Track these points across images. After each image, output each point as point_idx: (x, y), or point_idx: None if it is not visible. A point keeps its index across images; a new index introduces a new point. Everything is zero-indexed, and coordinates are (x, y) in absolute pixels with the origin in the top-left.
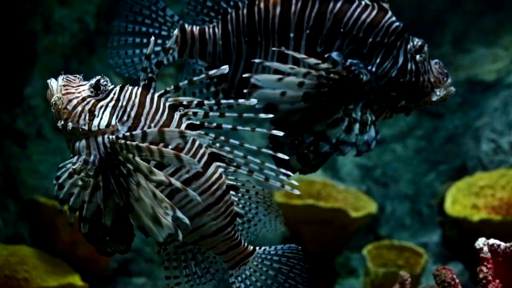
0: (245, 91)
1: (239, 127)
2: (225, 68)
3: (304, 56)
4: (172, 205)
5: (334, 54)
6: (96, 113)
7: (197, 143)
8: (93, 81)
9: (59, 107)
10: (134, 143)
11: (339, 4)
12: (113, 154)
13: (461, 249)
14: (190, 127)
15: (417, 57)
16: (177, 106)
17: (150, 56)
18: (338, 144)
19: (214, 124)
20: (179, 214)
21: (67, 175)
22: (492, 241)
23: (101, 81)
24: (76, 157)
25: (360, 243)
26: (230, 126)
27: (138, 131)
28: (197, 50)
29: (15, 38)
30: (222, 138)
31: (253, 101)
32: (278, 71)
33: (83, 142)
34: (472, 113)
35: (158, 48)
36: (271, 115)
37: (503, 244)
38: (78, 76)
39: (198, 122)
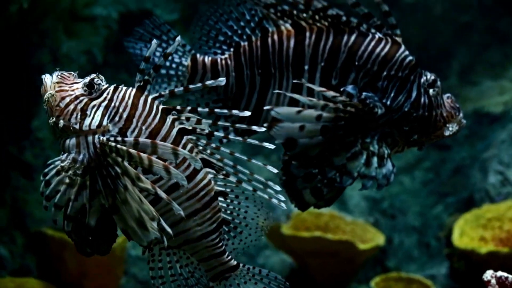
0: (265, 125)
1: (231, 137)
2: (222, 80)
3: (322, 88)
4: (157, 216)
5: (349, 88)
6: (88, 112)
7: (188, 147)
8: (87, 79)
9: (52, 104)
10: (124, 148)
11: (353, 37)
12: (102, 155)
13: (469, 282)
14: (182, 131)
15: (430, 91)
16: (170, 110)
17: (149, 58)
18: (360, 177)
19: (206, 131)
20: (164, 224)
21: (54, 172)
22: (500, 273)
23: (95, 80)
24: (65, 155)
25: (368, 275)
26: (222, 134)
27: (130, 138)
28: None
29: (23, 70)
30: (213, 145)
31: (246, 113)
32: (295, 103)
33: (73, 140)
34: (479, 145)
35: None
36: (263, 129)
37: (510, 277)
38: (72, 73)
39: (190, 127)
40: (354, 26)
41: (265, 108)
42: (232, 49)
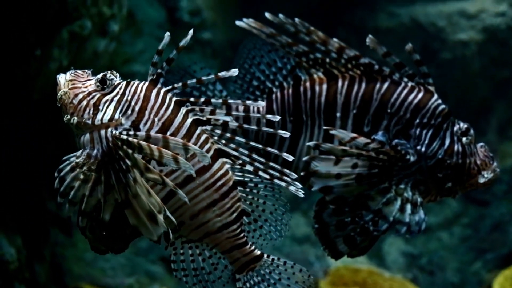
0: (302, 173)
1: (244, 125)
2: (235, 71)
3: (354, 134)
4: (162, 205)
5: (379, 134)
6: (101, 107)
7: (202, 138)
8: (100, 75)
9: (65, 101)
10: (135, 140)
11: (385, 85)
12: (114, 148)
13: None
14: (197, 122)
15: (463, 139)
16: (184, 102)
17: (162, 51)
18: (394, 223)
19: (221, 121)
20: (168, 214)
21: (69, 169)
22: None
23: (108, 75)
24: (80, 151)
25: None
26: (236, 124)
27: (142, 133)
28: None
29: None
30: (228, 135)
31: (261, 103)
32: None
33: (87, 136)
34: None
35: None
36: (278, 117)
37: None
38: (86, 71)
39: (204, 118)
40: (386, 75)
41: (304, 159)
42: (264, 96)
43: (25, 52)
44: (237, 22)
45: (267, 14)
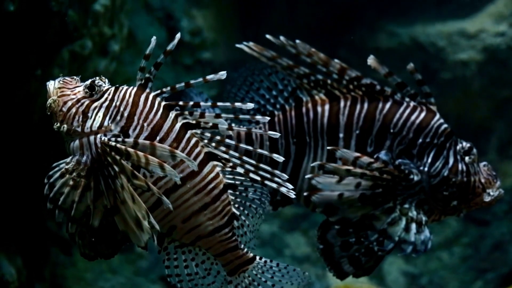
0: (305, 194)
1: (234, 126)
2: (223, 74)
3: (358, 154)
4: (147, 211)
5: (382, 154)
6: (90, 114)
7: (192, 142)
8: (88, 82)
9: (55, 109)
10: (123, 146)
11: (388, 105)
12: (103, 155)
13: None
14: (186, 126)
15: (466, 158)
16: (173, 106)
17: (149, 56)
18: (400, 242)
19: (210, 124)
20: (152, 220)
21: (59, 175)
22: None
23: (96, 81)
24: (70, 157)
25: None
26: (225, 126)
27: (130, 140)
28: (243, 150)
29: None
30: (218, 137)
31: (250, 105)
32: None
33: (77, 142)
34: None
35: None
36: (267, 118)
37: None
38: (75, 77)
39: (193, 121)
40: (388, 95)
41: (306, 177)
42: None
43: (26, 72)
44: (238, 45)
45: (268, 36)
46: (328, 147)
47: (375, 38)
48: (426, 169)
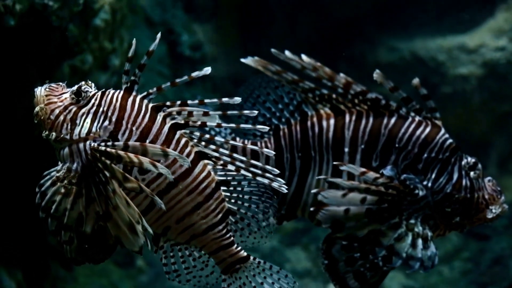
0: (311, 209)
1: (223, 124)
2: (207, 70)
3: (363, 169)
4: (140, 215)
5: (388, 169)
6: (78, 121)
7: (182, 142)
8: (74, 88)
9: (42, 117)
10: (113, 150)
11: (393, 120)
12: (93, 161)
13: None
14: (175, 127)
15: (471, 174)
16: (160, 107)
17: (132, 58)
18: (407, 259)
19: (199, 123)
20: (145, 223)
21: (50, 183)
22: None
23: (83, 87)
24: (60, 165)
25: None
26: (214, 124)
27: (120, 143)
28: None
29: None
30: (207, 136)
31: (237, 99)
32: (336, 185)
33: (67, 150)
34: None
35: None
36: (255, 112)
37: None
38: (61, 84)
39: (182, 121)
40: (393, 110)
41: (312, 191)
42: (271, 132)
43: (27, 86)
44: (243, 60)
45: (273, 50)
46: (334, 162)
47: (375, 53)
48: (429, 184)
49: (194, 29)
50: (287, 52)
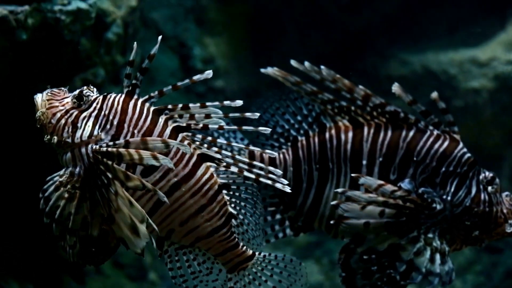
0: (332, 222)
1: (225, 127)
2: (209, 73)
3: (381, 182)
4: (144, 214)
5: (405, 182)
6: (79, 124)
7: (184, 144)
8: (76, 92)
9: (44, 122)
10: (114, 149)
11: (411, 133)
12: (95, 163)
13: None
14: (177, 129)
15: (489, 188)
16: (162, 110)
17: (133, 62)
18: (427, 274)
19: (200, 125)
20: (151, 221)
21: (53, 188)
22: None
23: (84, 91)
24: (63, 170)
25: None
26: (216, 126)
27: (121, 141)
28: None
29: None
30: (210, 138)
31: (238, 102)
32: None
33: (69, 154)
34: None
35: None
36: (257, 114)
37: None
38: (62, 88)
39: (184, 124)
40: (412, 123)
41: (331, 203)
42: (289, 143)
43: None
44: (263, 70)
45: (292, 62)
46: (352, 174)
47: (387, 66)
48: (449, 198)
49: (206, 43)
50: (306, 63)
